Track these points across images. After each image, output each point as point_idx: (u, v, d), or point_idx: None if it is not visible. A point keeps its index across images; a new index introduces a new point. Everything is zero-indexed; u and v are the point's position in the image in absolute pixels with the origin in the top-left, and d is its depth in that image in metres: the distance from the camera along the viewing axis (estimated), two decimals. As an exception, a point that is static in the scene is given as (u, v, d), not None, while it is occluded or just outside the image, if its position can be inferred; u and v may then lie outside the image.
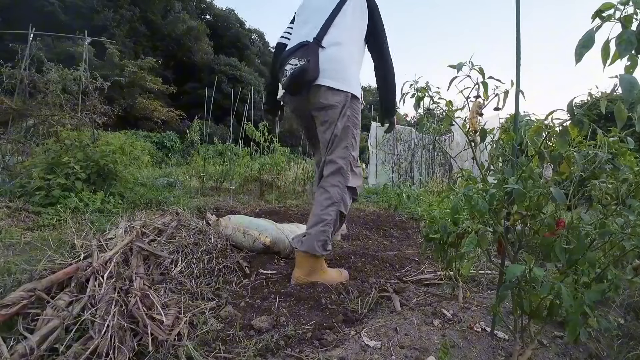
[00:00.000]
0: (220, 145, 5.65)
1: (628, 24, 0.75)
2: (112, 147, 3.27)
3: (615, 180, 1.01)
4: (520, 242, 1.13)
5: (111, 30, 20.17)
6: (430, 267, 2.04)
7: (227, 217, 2.44)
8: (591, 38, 0.79)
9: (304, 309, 1.52)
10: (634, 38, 0.73)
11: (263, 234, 2.22)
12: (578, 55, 0.80)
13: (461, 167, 1.38)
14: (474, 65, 1.13)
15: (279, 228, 2.34)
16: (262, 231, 2.24)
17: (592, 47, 0.79)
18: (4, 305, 1.13)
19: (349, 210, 1.63)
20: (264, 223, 2.35)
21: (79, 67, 4.19)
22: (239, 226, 2.28)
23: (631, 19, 0.75)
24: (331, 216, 1.49)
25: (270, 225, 2.35)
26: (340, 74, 1.39)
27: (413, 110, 3.66)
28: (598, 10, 0.78)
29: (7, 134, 3.70)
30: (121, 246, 1.65)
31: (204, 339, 1.24)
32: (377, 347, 1.21)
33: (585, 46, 0.79)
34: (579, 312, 0.88)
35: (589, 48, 0.79)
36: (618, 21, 0.76)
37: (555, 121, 0.97)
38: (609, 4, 0.77)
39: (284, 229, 2.36)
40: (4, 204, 2.63)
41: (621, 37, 0.75)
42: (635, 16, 0.74)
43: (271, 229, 2.29)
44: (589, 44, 0.79)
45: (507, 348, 1.26)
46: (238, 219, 2.38)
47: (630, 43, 0.74)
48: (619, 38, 0.75)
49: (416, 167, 6.81)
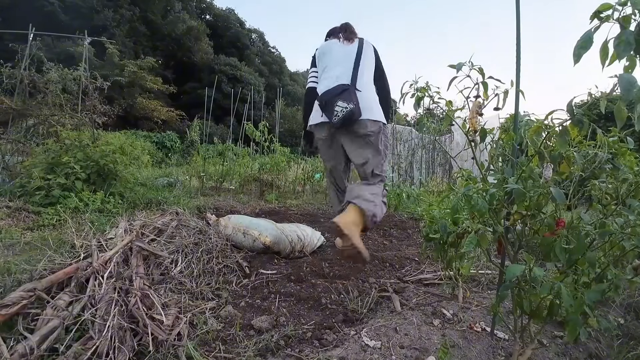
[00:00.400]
0: (220, 145, 5.65)
1: (627, 25, 0.75)
2: (112, 147, 3.27)
3: (615, 180, 1.01)
4: (520, 242, 1.13)
5: (111, 30, 20.15)
6: (430, 267, 2.04)
7: (227, 217, 2.44)
8: (589, 39, 0.79)
9: (304, 309, 1.52)
10: (632, 39, 0.73)
11: (263, 234, 2.22)
12: (576, 56, 0.80)
13: (461, 167, 1.38)
14: (474, 65, 1.13)
15: (279, 228, 2.34)
16: (262, 231, 2.24)
17: (590, 47, 0.79)
18: (4, 305, 1.13)
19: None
20: (264, 223, 2.36)
21: (78, 67, 4.19)
22: (239, 226, 2.28)
23: (630, 19, 0.75)
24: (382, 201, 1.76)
25: (270, 225, 2.35)
26: (374, 109, 1.80)
27: (413, 110, 3.65)
28: (596, 11, 0.78)
29: (7, 133, 3.69)
30: (121, 246, 1.65)
31: (204, 338, 1.24)
32: (377, 347, 1.21)
33: (583, 47, 0.79)
34: (579, 312, 0.88)
35: (587, 49, 0.79)
36: (617, 22, 0.76)
37: (555, 121, 0.96)
38: (607, 5, 0.77)
39: (284, 229, 2.36)
40: (4, 204, 2.63)
41: (620, 38, 0.75)
42: (633, 16, 0.74)
43: (271, 228, 2.30)
44: (587, 45, 0.79)
45: (507, 348, 1.26)
46: (238, 219, 2.38)
47: (628, 44, 0.73)
48: (618, 39, 0.75)
49: (416, 167, 6.81)
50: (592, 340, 1.29)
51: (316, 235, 2.55)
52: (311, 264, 1.99)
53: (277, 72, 32.19)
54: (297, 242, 2.37)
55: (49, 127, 3.81)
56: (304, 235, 2.44)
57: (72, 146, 3.12)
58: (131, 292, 1.32)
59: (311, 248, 2.45)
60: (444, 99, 1.26)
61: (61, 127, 3.56)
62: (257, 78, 26.25)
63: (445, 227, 1.36)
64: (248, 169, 5.30)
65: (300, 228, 2.47)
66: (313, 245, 2.47)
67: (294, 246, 2.36)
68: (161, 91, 19.62)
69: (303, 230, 2.47)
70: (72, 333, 1.12)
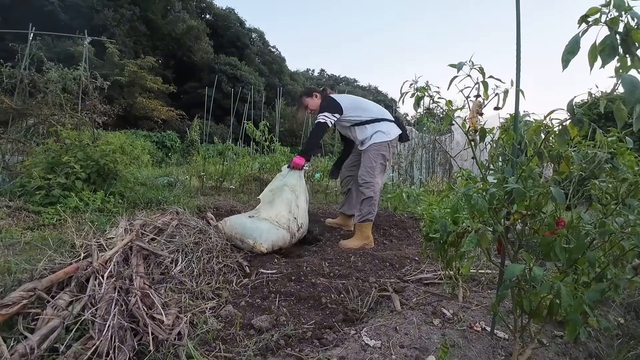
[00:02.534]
0: (221, 144, 5.65)
1: (614, 26, 0.75)
2: (112, 146, 3.26)
3: (615, 180, 1.01)
4: (520, 242, 1.13)
5: (111, 30, 20.14)
6: (430, 266, 2.04)
7: (224, 220, 2.36)
8: (577, 43, 0.79)
9: (304, 309, 1.52)
10: (616, 43, 0.74)
11: (258, 242, 2.14)
12: (564, 61, 0.80)
13: (461, 167, 1.38)
14: (474, 64, 1.13)
15: (275, 223, 2.26)
16: (257, 238, 2.16)
17: (578, 52, 0.79)
18: (5, 305, 1.13)
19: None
20: (259, 225, 2.24)
21: (78, 66, 4.19)
22: (235, 234, 2.21)
23: (617, 20, 0.75)
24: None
25: (265, 226, 2.24)
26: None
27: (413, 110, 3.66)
28: (584, 16, 0.78)
29: (7, 133, 3.69)
30: (121, 245, 1.65)
31: (204, 338, 1.24)
32: (377, 347, 1.22)
33: (571, 52, 0.79)
34: (579, 312, 0.88)
35: (575, 54, 0.79)
36: (604, 24, 0.76)
37: (554, 121, 0.97)
38: (595, 9, 0.77)
39: (279, 221, 2.28)
40: (4, 204, 2.63)
41: (604, 44, 0.75)
42: (620, 18, 0.74)
43: (266, 230, 2.21)
44: (575, 50, 0.79)
45: (507, 347, 1.26)
46: (233, 225, 2.26)
47: (613, 48, 0.74)
48: (602, 45, 0.75)
49: (416, 166, 6.80)
50: (592, 339, 1.29)
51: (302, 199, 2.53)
52: (311, 263, 2.00)
53: (277, 71, 32.17)
54: (295, 228, 2.36)
55: (49, 127, 3.81)
56: (298, 214, 2.42)
57: (72, 146, 3.12)
58: (131, 292, 1.32)
59: (307, 222, 2.58)
60: (444, 99, 1.26)
61: (61, 126, 3.56)
62: (257, 77, 26.23)
63: (445, 226, 1.36)
64: (248, 169, 5.30)
65: (290, 208, 2.40)
66: (307, 219, 2.59)
67: (293, 234, 2.35)
68: (161, 91, 19.63)
69: (294, 209, 2.40)
70: (72, 333, 1.12)
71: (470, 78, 1.15)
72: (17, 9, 16.90)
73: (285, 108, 17.15)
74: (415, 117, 11.70)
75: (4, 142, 3.60)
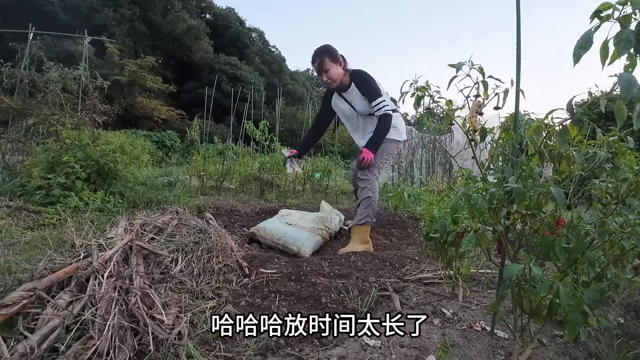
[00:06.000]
0: (221, 144, 5.65)
1: (627, 24, 0.75)
2: (112, 146, 3.26)
3: (615, 180, 1.01)
4: (520, 241, 1.13)
5: (111, 30, 20.12)
6: (430, 266, 2.04)
7: (262, 227, 2.48)
8: (589, 39, 0.78)
9: (304, 308, 1.52)
10: (632, 37, 0.73)
11: (302, 249, 2.31)
12: (576, 56, 0.79)
13: (461, 166, 1.38)
14: (473, 64, 1.13)
15: (312, 231, 2.49)
16: (301, 246, 2.32)
17: (590, 48, 0.78)
18: (5, 305, 1.13)
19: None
20: (299, 234, 2.42)
21: (78, 66, 4.19)
22: (277, 241, 2.38)
23: (630, 18, 0.75)
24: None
25: (304, 234, 2.42)
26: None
27: (413, 110, 3.69)
28: (596, 11, 0.78)
29: (7, 133, 3.69)
30: (121, 245, 1.65)
31: (204, 338, 1.24)
32: (377, 346, 1.22)
33: (583, 47, 0.79)
34: (579, 311, 0.88)
35: (587, 49, 0.79)
36: (617, 21, 0.76)
37: (555, 120, 0.96)
38: (608, 4, 0.77)
39: (315, 231, 2.52)
40: (4, 203, 2.63)
41: (620, 36, 0.75)
42: (634, 16, 0.74)
43: (305, 238, 2.39)
44: (587, 45, 0.79)
45: (507, 347, 1.26)
46: (274, 232, 2.42)
47: (629, 42, 0.73)
48: (618, 37, 0.75)
49: (416, 166, 6.80)
50: (592, 339, 1.29)
51: (335, 216, 2.82)
52: (311, 263, 2.00)
53: (277, 71, 32.14)
54: (327, 236, 2.61)
55: (49, 127, 3.81)
56: (331, 224, 2.69)
57: (72, 145, 3.12)
58: (131, 292, 1.32)
59: (335, 231, 2.77)
60: (444, 98, 1.26)
61: (61, 126, 3.55)
62: (257, 77, 26.22)
63: (445, 226, 1.36)
64: (248, 168, 5.30)
65: (324, 219, 2.67)
66: (337, 227, 2.80)
67: (326, 240, 2.59)
68: (161, 90, 19.63)
69: (327, 222, 2.67)
70: (72, 332, 1.12)
71: (470, 78, 1.15)
72: (17, 9, 16.88)
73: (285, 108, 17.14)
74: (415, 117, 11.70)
75: (4, 142, 3.60)
